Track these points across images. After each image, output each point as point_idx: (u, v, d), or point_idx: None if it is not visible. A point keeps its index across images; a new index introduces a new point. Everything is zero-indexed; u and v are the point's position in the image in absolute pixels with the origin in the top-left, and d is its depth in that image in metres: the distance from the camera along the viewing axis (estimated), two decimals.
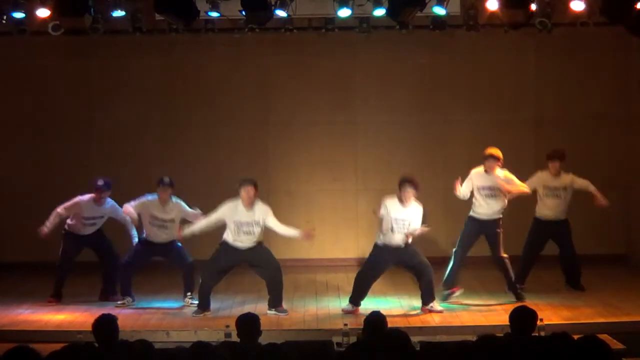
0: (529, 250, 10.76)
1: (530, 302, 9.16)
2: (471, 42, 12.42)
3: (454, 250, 10.35)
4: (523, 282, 10.55)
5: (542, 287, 10.74)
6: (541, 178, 10.69)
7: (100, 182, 10.30)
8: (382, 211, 9.71)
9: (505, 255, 10.22)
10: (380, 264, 9.90)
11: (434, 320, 9.52)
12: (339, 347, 7.35)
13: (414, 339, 6.46)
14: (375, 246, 9.93)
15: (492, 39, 12.15)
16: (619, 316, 9.45)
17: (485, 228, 10.32)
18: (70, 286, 10.58)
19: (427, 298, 9.84)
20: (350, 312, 9.73)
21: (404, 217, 9.70)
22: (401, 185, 9.66)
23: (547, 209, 10.69)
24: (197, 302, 9.87)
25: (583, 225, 11.29)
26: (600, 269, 11.79)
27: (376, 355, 5.81)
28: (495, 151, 10.20)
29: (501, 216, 10.29)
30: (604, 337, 7.19)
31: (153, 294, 10.41)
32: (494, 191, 10.23)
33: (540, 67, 12.87)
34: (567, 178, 10.67)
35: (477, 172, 10.33)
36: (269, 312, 9.67)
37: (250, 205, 9.67)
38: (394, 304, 10.29)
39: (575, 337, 5.92)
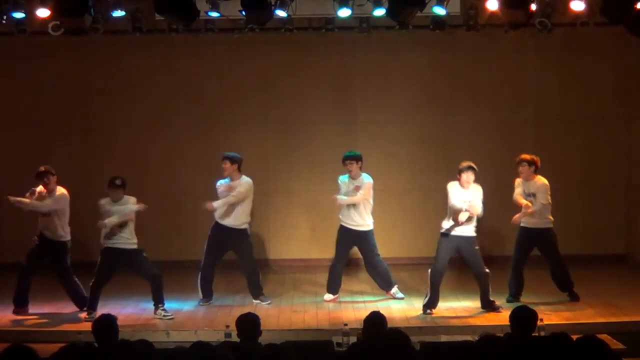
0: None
1: (530, 302, 9.16)
2: (471, 42, 12.42)
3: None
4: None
5: (542, 287, 10.72)
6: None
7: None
8: None
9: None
10: None
11: (434, 320, 9.53)
12: (339, 347, 7.36)
13: (414, 339, 6.46)
14: None
15: (492, 39, 12.14)
16: (619, 316, 9.46)
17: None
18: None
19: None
20: None
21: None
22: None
23: None
24: (170, 315, 9.74)
25: (583, 226, 11.28)
26: (600, 269, 11.80)
27: (376, 355, 5.81)
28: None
29: None
30: (604, 337, 7.20)
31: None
32: None
33: (540, 67, 12.86)
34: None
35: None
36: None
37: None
38: (394, 303, 10.29)
39: (575, 337, 5.93)
